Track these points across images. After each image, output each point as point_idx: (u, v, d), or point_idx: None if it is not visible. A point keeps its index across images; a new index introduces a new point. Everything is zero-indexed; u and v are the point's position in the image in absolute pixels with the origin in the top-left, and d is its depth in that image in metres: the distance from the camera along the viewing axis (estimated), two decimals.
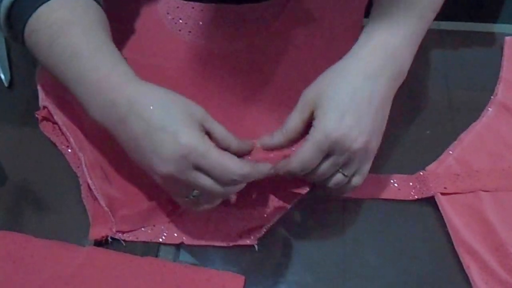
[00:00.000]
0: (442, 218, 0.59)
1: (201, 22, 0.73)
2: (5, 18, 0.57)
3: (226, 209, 0.59)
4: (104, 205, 0.58)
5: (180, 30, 0.73)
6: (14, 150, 0.65)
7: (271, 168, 0.53)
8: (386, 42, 0.54)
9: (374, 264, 0.57)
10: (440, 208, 0.59)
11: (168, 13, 0.74)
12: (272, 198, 0.60)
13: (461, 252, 0.56)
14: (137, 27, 0.73)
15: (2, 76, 0.70)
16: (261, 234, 0.58)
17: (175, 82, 0.64)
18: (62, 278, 0.54)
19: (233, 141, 0.53)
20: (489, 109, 0.67)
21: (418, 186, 0.61)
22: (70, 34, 0.54)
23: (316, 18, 0.73)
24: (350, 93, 0.52)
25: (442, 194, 0.60)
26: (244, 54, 0.71)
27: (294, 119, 0.54)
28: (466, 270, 0.55)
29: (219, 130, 0.52)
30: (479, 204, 0.59)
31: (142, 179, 0.59)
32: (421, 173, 0.61)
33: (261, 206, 0.60)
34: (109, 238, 0.57)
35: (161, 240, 0.58)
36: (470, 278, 0.55)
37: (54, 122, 0.65)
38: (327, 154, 0.52)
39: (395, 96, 0.56)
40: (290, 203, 0.59)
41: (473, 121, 0.66)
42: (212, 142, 0.51)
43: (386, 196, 0.61)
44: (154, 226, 0.58)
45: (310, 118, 0.54)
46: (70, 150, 0.63)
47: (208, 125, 0.52)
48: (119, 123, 0.51)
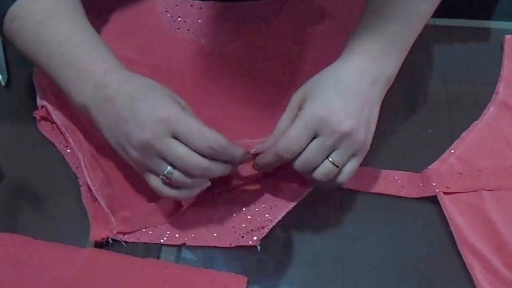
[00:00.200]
0: (444, 217, 0.59)
1: (200, 20, 0.73)
2: None
3: (228, 209, 0.59)
4: (104, 206, 0.58)
5: (179, 28, 0.73)
6: (12, 150, 0.64)
7: (247, 153, 0.54)
8: (368, 48, 0.57)
9: (376, 263, 0.57)
10: (442, 207, 0.59)
11: (166, 11, 0.73)
12: (274, 198, 0.60)
13: (464, 251, 0.56)
14: (135, 25, 0.73)
15: None
16: (263, 235, 0.57)
17: (174, 80, 0.64)
18: (63, 280, 0.54)
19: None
20: (490, 107, 0.67)
21: (421, 185, 0.61)
22: (58, 21, 0.57)
23: (330, 14, 0.73)
24: (336, 84, 0.54)
25: (445, 193, 0.59)
26: (244, 52, 0.71)
27: (284, 120, 0.56)
28: (470, 270, 0.55)
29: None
30: (482, 203, 0.59)
31: (143, 180, 0.59)
32: (424, 171, 0.61)
33: (263, 206, 0.59)
34: (109, 240, 0.57)
35: (162, 241, 0.57)
36: (473, 278, 0.55)
37: (53, 122, 0.64)
38: (314, 137, 0.53)
39: (396, 95, 0.56)
40: (293, 203, 0.59)
41: (473, 119, 0.66)
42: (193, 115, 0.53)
43: (389, 191, 0.61)
44: (155, 227, 0.58)
45: None
46: (69, 151, 0.63)
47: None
48: (106, 103, 0.54)
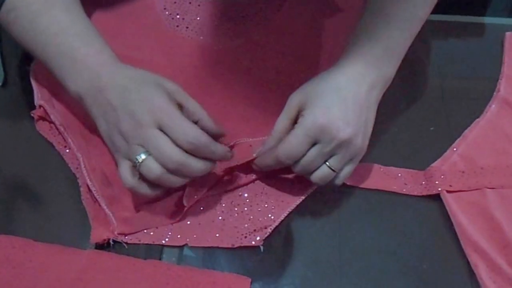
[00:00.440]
0: (447, 215, 0.58)
1: (199, 18, 0.72)
2: None
3: (230, 210, 0.58)
4: (105, 207, 0.57)
5: (177, 26, 0.72)
6: (10, 151, 0.63)
7: (230, 151, 0.56)
8: (367, 53, 0.58)
9: (378, 261, 0.56)
10: (446, 205, 0.59)
11: (165, 8, 0.73)
12: (276, 198, 0.59)
13: (468, 250, 0.56)
14: (133, 23, 0.72)
15: None
16: (266, 235, 0.57)
17: (173, 78, 0.63)
18: (64, 283, 0.53)
19: (204, 115, 0.57)
20: (492, 105, 0.66)
21: (424, 183, 0.60)
22: (55, 12, 0.58)
23: (331, 12, 0.73)
24: (336, 91, 0.55)
25: (448, 191, 0.59)
26: (243, 50, 0.70)
27: (282, 120, 0.57)
28: (474, 269, 0.55)
29: (191, 102, 0.56)
30: (485, 201, 0.59)
31: None
32: (427, 169, 0.61)
33: (265, 206, 0.59)
34: (110, 241, 0.56)
35: (164, 242, 0.57)
36: (478, 277, 0.54)
37: (51, 122, 0.63)
38: (314, 143, 0.54)
39: (394, 93, 0.57)
40: (295, 202, 0.59)
41: (472, 116, 0.66)
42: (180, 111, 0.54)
43: (392, 189, 0.60)
44: (157, 228, 0.57)
45: (297, 118, 0.56)
46: (68, 151, 0.62)
47: (180, 97, 0.56)
48: (100, 93, 0.55)
